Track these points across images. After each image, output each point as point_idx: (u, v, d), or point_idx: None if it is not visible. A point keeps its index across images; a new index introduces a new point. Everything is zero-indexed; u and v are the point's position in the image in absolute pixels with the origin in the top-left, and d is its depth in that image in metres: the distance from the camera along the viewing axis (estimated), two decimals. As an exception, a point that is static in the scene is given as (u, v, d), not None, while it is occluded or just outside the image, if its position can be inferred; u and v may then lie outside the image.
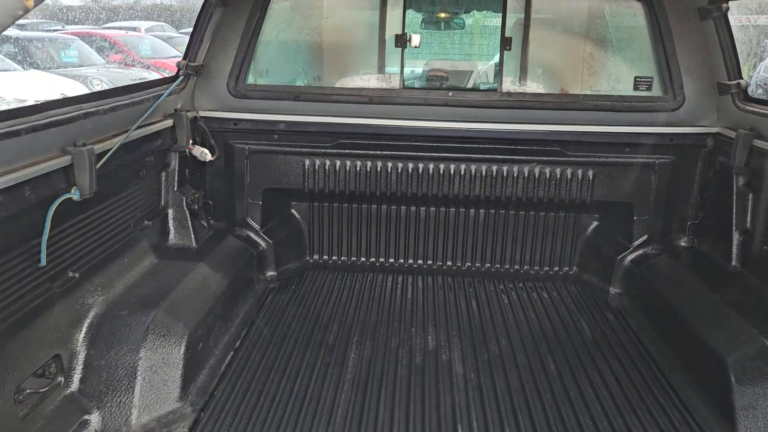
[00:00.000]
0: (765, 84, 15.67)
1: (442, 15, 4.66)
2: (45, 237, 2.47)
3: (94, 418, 2.63)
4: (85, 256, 2.85)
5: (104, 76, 15.04)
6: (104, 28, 22.72)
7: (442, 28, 4.73)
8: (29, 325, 2.45)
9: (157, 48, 19.26)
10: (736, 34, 3.43)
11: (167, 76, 3.68)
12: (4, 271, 2.31)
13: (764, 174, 3.30)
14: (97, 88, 13.32)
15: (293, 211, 4.34)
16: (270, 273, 4.18)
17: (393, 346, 3.37)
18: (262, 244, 4.16)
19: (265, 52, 4.00)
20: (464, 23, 4.55)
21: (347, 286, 4.08)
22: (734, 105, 3.54)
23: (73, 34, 18.73)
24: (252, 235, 4.14)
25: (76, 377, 2.68)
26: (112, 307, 2.89)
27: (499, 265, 4.35)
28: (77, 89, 12.46)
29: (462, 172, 4.02)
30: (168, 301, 3.04)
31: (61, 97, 11.70)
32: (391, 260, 4.38)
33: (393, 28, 3.88)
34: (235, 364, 3.15)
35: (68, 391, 2.65)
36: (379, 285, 4.09)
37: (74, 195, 2.56)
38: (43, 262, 2.49)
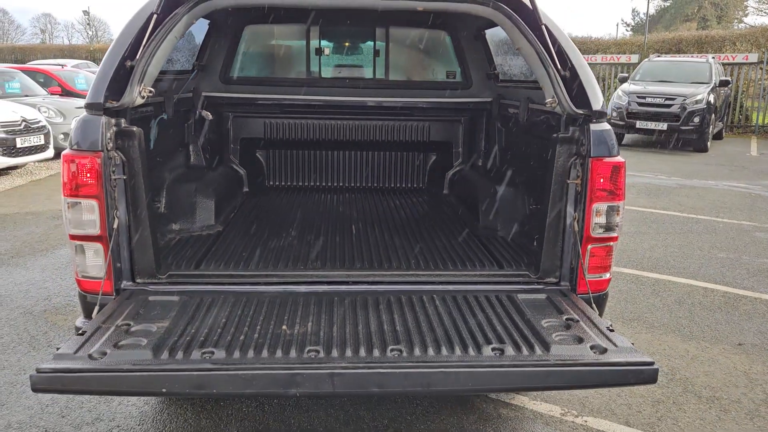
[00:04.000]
0: (617, 108, 19.94)
1: (347, 44, 7.73)
2: (152, 138, 5.22)
3: (175, 225, 5.35)
4: (159, 154, 5.58)
5: (50, 105, 17.02)
6: (37, 65, 24.60)
7: (349, 53, 7.78)
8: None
9: (90, 81, 21.26)
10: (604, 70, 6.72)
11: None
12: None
13: (506, 117, 6.51)
14: (45, 115, 15.51)
15: (257, 154, 7.21)
16: (245, 189, 7.01)
17: (320, 226, 6.29)
18: (240, 171, 6.99)
19: (242, 56, 6.92)
20: (362, 49, 7.65)
21: (288, 196, 6.96)
22: (495, 84, 6.78)
23: (12, 68, 20.55)
24: (234, 166, 6.98)
25: (167, 209, 5.41)
26: (173, 183, 5.64)
27: (376, 184, 7.36)
28: (33, 113, 14.58)
29: (354, 127, 7.05)
30: (202, 181, 5.81)
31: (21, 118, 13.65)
32: (315, 183, 7.31)
33: (314, 44, 6.93)
34: (237, 212, 5.96)
35: (162, 211, 5.38)
36: (308, 196, 7.01)
37: (164, 116, 5.33)
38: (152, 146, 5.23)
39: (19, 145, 13.42)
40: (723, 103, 21.88)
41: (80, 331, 3.18)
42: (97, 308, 3.53)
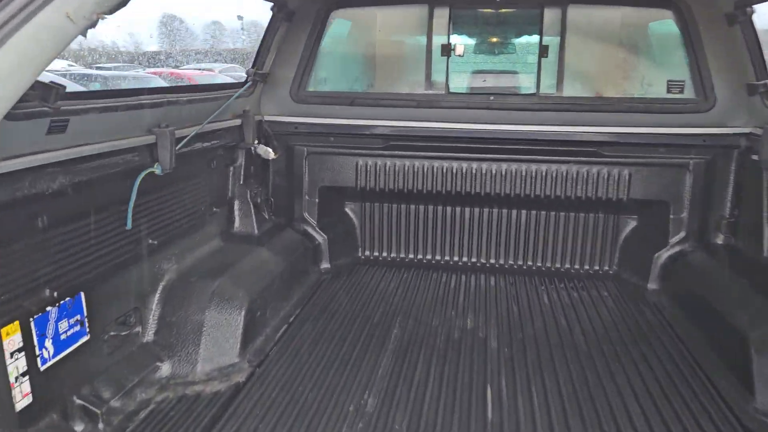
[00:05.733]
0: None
1: (494, 40, 5.01)
2: (131, 203, 2.90)
3: (165, 366, 3.02)
4: (163, 228, 3.28)
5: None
6: (182, 69, 24.35)
7: (496, 53, 5.06)
8: (116, 277, 2.88)
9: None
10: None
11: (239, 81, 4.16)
12: (101, 226, 2.74)
13: None
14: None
15: (347, 209, 4.72)
16: (324, 265, 4.54)
17: (433, 325, 3.64)
18: (318, 238, 4.54)
19: (324, 61, 4.45)
20: (515, 47, 4.87)
21: (395, 278, 4.38)
22: (763, 104, 3.70)
23: (152, 73, 20.16)
24: (309, 229, 4.53)
25: (151, 329, 3.09)
26: (183, 274, 3.31)
27: (540, 264, 4.56)
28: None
29: (503, 172, 4.30)
30: (231, 273, 3.43)
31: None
32: (438, 257, 4.66)
33: (439, 39, 4.27)
34: (288, 333, 3.49)
35: (144, 340, 3.05)
36: (424, 278, 4.37)
37: (156, 169, 3.00)
38: (129, 225, 2.92)
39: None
40: None
41: None
42: None
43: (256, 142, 4.16)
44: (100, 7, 1.77)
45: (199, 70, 22.47)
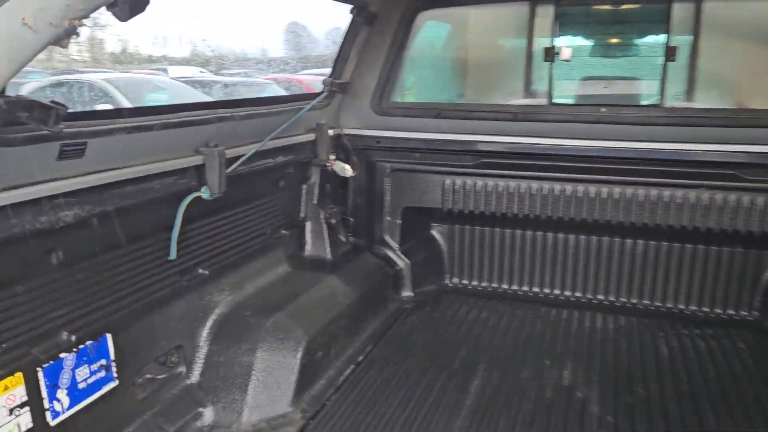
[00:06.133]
0: None
1: (608, 41, 4.31)
2: (175, 232, 2.62)
3: (208, 412, 2.70)
4: (218, 256, 2.98)
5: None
6: (299, 75, 24.90)
7: (609, 56, 4.36)
8: (156, 313, 2.60)
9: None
10: None
11: (313, 92, 3.82)
12: (135, 258, 2.47)
13: None
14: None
15: (433, 231, 4.24)
16: (406, 293, 4.09)
17: (522, 378, 3.07)
18: (400, 263, 4.09)
19: (408, 69, 4.00)
20: (634, 50, 4.15)
21: (484, 313, 3.84)
22: None
23: (269, 80, 20.70)
24: (390, 253, 4.10)
25: (196, 370, 2.78)
26: (237, 307, 2.98)
27: (659, 304, 3.83)
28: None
29: (616, 197, 3.63)
30: (292, 307, 3.07)
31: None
32: (535, 290, 4.07)
33: (542, 42, 3.67)
34: (352, 377, 3.07)
35: (187, 383, 2.75)
36: (518, 315, 3.80)
37: (204, 194, 2.69)
38: (173, 255, 2.63)
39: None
40: None
41: None
42: None
43: (332, 157, 3.80)
44: (72, 12, 1.44)
45: (314, 75, 22.86)
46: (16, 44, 1.40)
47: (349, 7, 3.65)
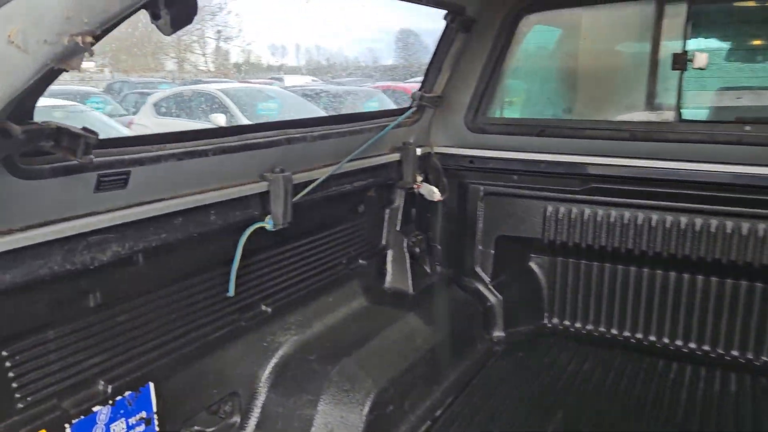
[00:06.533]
0: None
1: (754, 43, 3.64)
2: (235, 266, 2.35)
3: None
4: (283, 291, 2.69)
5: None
6: (407, 83, 24.71)
7: (756, 62, 3.69)
8: (209, 357, 2.34)
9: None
10: None
11: (399, 107, 3.46)
12: (184, 297, 2.22)
13: None
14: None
15: (531, 264, 3.74)
16: (497, 333, 3.62)
17: None
18: (491, 299, 3.64)
19: (509, 81, 3.55)
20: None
21: (587, 363, 3.31)
22: None
23: (378, 87, 20.67)
24: (480, 287, 3.65)
25: (252, 421, 2.49)
26: (303, 348, 2.68)
27: None
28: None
29: (761, 234, 2.99)
30: (362, 351, 2.72)
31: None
32: (651, 338, 3.47)
33: (670, 46, 3.09)
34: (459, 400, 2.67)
35: None
36: (629, 370, 3.23)
37: (267, 224, 2.41)
38: (231, 292, 2.36)
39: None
40: None
41: None
42: None
43: (419, 179, 3.42)
44: (73, 26, 1.16)
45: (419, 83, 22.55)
46: (3, 66, 1.15)
47: (442, 12, 3.26)
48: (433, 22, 3.38)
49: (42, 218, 1.66)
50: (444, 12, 3.26)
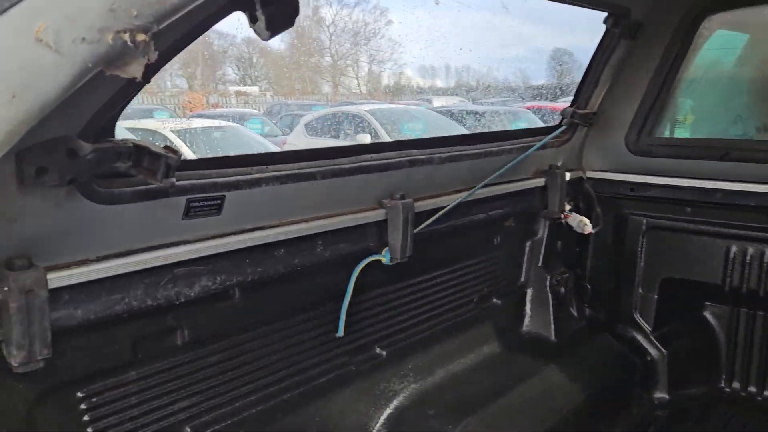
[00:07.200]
0: None
1: None
2: (345, 303, 2.07)
3: None
4: (401, 332, 2.37)
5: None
6: (559, 102, 23.62)
7: None
8: (313, 405, 2.07)
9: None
10: None
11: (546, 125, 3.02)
12: (288, 336, 1.98)
13: None
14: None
15: (706, 314, 3.10)
16: (659, 395, 3.02)
17: None
18: (653, 352, 3.05)
19: (683, 93, 2.98)
20: None
21: None
22: None
23: (530, 107, 19.93)
24: (639, 337, 3.08)
25: None
26: (421, 400, 2.33)
27: None
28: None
29: None
30: (491, 408, 2.32)
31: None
32: None
33: None
34: None
35: None
36: None
37: (384, 257, 2.11)
38: (340, 332, 2.09)
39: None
40: None
41: None
42: None
43: (568, 208, 2.96)
44: (119, 21, 0.93)
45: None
46: (31, 69, 0.94)
47: (603, 15, 2.79)
48: (590, 40, 2.93)
49: (121, 247, 1.48)
50: (604, 16, 2.80)
